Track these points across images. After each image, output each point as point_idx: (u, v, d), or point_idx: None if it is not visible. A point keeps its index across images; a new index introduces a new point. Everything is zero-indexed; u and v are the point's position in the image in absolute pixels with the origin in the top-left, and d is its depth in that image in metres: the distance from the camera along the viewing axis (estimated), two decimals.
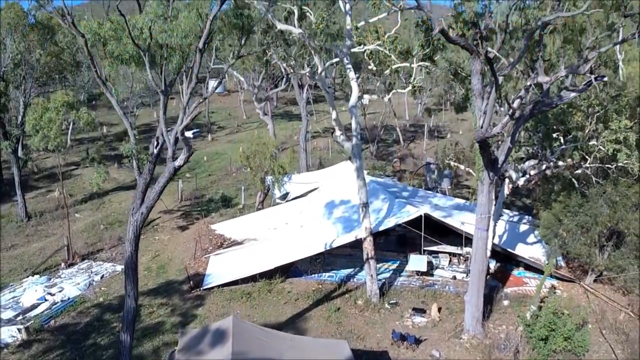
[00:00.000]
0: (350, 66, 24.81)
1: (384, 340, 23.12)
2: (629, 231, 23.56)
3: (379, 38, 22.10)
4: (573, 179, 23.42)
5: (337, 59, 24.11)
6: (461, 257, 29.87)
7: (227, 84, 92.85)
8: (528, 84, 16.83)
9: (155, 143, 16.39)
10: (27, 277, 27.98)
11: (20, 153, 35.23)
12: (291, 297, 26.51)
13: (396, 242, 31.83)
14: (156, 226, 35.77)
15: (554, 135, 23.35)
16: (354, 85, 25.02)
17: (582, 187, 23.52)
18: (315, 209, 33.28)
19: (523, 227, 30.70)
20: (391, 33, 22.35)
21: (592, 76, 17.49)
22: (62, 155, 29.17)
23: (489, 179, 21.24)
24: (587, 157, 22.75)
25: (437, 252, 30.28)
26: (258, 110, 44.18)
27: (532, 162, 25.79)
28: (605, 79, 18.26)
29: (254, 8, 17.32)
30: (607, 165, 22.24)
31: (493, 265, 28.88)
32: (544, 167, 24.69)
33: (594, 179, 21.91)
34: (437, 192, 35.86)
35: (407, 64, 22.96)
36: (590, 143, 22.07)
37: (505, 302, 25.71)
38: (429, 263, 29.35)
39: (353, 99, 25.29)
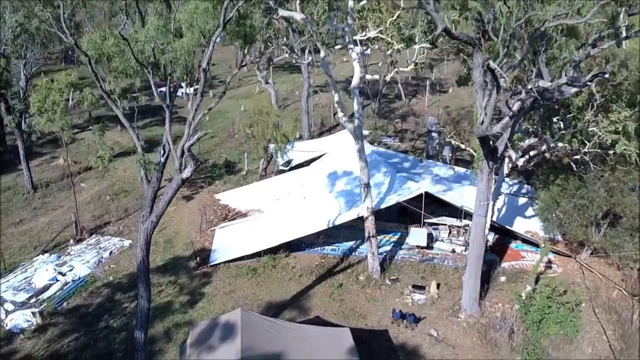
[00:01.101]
0: (352, 45, 24.65)
1: (384, 319, 24.11)
2: (625, 213, 24.05)
3: (381, 24, 21.89)
4: (572, 163, 23.72)
5: (339, 46, 23.89)
6: (460, 230, 30.57)
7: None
8: (529, 87, 16.88)
9: (162, 152, 16.73)
10: (37, 255, 28.76)
11: (24, 126, 35.33)
12: (295, 273, 27.36)
13: (397, 213, 32.41)
14: (161, 196, 36.27)
15: (554, 119, 23.47)
16: (355, 65, 24.94)
17: (580, 171, 23.85)
18: (317, 180, 33.71)
19: (522, 200, 31.19)
20: (393, 18, 22.12)
21: (593, 72, 17.54)
22: (66, 125, 29.20)
23: (489, 168, 21.59)
24: (586, 142, 22.97)
25: (437, 224, 30.98)
26: (260, 78, 43.95)
27: (532, 140, 26.03)
28: (607, 75, 18.27)
29: (256, 18, 17.15)
30: (605, 151, 22.49)
31: (492, 237, 29.59)
32: (543, 147, 24.96)
33: (592, 165, 22.22)
34: (438, 160, 36.09)
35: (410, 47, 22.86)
36: (590, 129, 22.25)
37: (503, 278, 26.55)
38: (429, 235, 30.06)
39: (355, 80, 25.28)
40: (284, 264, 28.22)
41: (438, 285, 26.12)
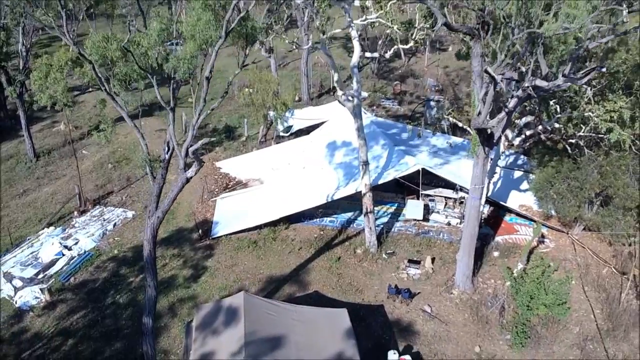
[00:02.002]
0: (352, 24, 24.55)
1: (380, 294, 25.05)
2: (617, 194, 24.57)
3: (382, 7, 21.81)
4: (566, 146, 24.08)
5: (338, 30, 23.80)
6: (456, 202, 31.22)
7: None
8: (526, 85, 17.05)
9: (166, 149, 17.15)
10: (43, 229, 29.45)
11: (25, 96, 35.37)
12: (295, 246, 28.16)
13: (395, 184, 32.92)
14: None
15: (551, 102, 23.67)
16: (355, 44, 24.93)
17: (575, 154, 24.24)
18: (317, 150, 34.10)
19: (517, 174, 31.67)
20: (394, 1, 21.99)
21: (590, 67, 17.68)
22: (68, 101, 29.31)
23: (484, 154, 21.99)
24: (582, 125, 23.27)
25: (434, 196, 31.59)
26: (263, 53, 43.84)
27: (529, 118, 26.30)
28: (604, 69, 18.40)
29: (257, 18, 17.15)
30: (600, 136, 22.81)
31: (486, 210, 30.29)
32: (539, 127, 25.25)
33: (586, 151, 22.58)
34: (437, 129, 36.36)
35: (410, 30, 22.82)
36: (586, 114, 22.49)
37: (496, 253, 27.38)
38: (426, 207, 30.72)
39: (355, 59, 25.33)
40: (283, 236, 28.98)
41: (433, 260, 26.97)
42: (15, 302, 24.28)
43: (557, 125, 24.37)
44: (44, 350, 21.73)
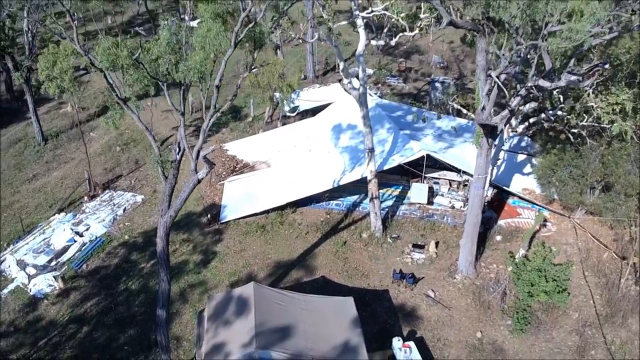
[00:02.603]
0: (357, 12, 24.61)
1: (385, 278, 25.71)
2: (618, 181, 24.91)
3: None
4: (569, 135, 24.31)
5: (344, 22, 23.86)
6: (460, 184, 31.65)
7: None
8: (529, 84, 17.22)
9: (177, 149, 17.58)
10: (54, 214, 30.06)
11: (32, 80, 35.58)
12: (302, 230, 28.74)
13: (399, 166, 33.29)
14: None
15: (554, 91, 23.80)
16: (361, 32, 25.01)
17: (577, 142, 24.49)
18: (323, 132, 34.36)
19: (520, 157, 31.92)
20: None
21: (593, 63, 17.85)
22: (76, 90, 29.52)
23: (487, 145, 22.30)
24: (584, 114, 23.44)
25: (438, 179, 32.00)
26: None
27: (533, 104, 26.46)
28: (607, 65, 18.53)
29: (265, 23, 17.28)
30: (602, 126, 23.00)
31: (490, 192, 30.68)
32: (542, 115, 25.44)
33: (589, 141, 22.81)
34: (442, 110, 36.41)
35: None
36: (589, 104, 22.63)
37: (498, 238, 27.91)
38: (430, 189, 31.16)
39: (360, 47, 25.46)
40: (291, 220, 29.54)
41: (437, 244, 27.55)
42: (30, 290, 25.03)
43: (560, 114, 24.55)
44: (59, 339, 22.55)
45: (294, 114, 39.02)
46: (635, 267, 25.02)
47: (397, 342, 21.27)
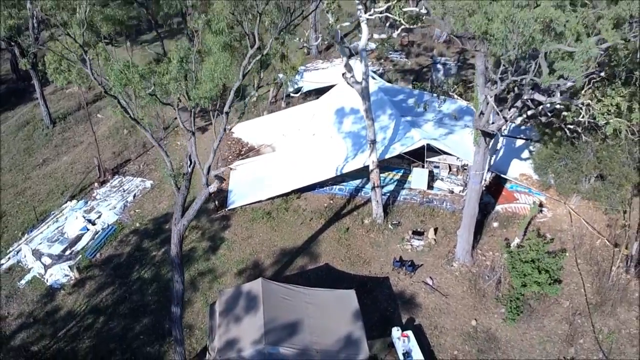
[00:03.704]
0: (361, 6, 25.00)
1: (386, 266, 26.90)
2: (612, 174, 25.66)
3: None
4: (565, 129, 24.91)
5: (347, 23, 24.27)
6: (459, 168, 32.48)
7: None
8: (525, 97, 17.81)
9: (188, 162, 18.46)
10: (66, 202, 31.09)
11: (39, 65, 36.01)
12: (306, 217, 29.78)
13: None
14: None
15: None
16: (364, 27, 25.44)
17: (573, 137, 25.11)
18: (326, 115, 34.99)
19: (518, 142, 32.56)
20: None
21: (588, 71, 18.33)
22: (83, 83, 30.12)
23: (485, 144, 23.04)
24: (580, 111, 23.96)
25: (438, 163, 32.83)
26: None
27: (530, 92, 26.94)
28: (602, 73, 19.02)
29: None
30: (597, 123, 23.55)
31: (488, 176, 31.51)
32: (539, 108, 25.98)
33: (583, 137, 23.42)
34: (442, 93, 36.85)
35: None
36: (585, 102, 23.12)
37: (495, 224, 28.93)
38: (430, 173, 32.04)
39: (363, 41, 25.93)
40: (295, 206, 30.56)
41: (435, 231, 28.62)
42: (47, 281, 26.31)
43: (557, 107, 25.06)
44: (77, 329, 23.94)
45: (297, 95, 39.53)
46: (627, 255, 26.03)
47: (396, 332, 22.60)
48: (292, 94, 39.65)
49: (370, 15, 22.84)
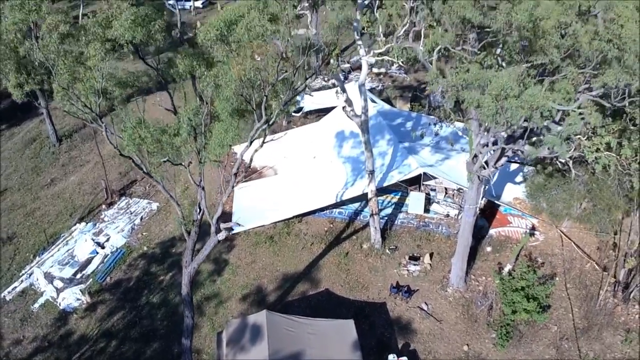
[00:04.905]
0: (361, 42, 26.14)
1: (383, 291, 28.17)
2: (601, 203, 26.91)
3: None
4: (557, 163, 26.10)
5: (347, 65, 25.35)
6: (455, 192, 33.69)
7: None
8: (516, 148, 18.98)
9: (198, 210, 19.68)
10: (75, 224, 32.23)
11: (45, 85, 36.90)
12: (307, 241, 30.99)
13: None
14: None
15: None
16: (363, 63, 26.58)
17: (564, 170, 26.28)
18: (327, 138, 36.07)
19: (512, 166, 33.73)
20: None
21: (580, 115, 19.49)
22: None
23: (479, 180, 24.26)
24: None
25: (435, 186, 34.02)
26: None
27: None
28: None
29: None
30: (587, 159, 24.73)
31: (482, 201, 32.72)
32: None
33: (573, 172, 24.54)
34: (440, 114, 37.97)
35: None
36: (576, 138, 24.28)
37: (489, 249, 30.19)
38: (427, 196, 33.23)
39: (362, 77, 27.11)
40: (297, 230, 31.75)
41: (431, 255, 29.88)
42: (59, 304, 27.49)
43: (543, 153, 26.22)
44: (91, 353, 25.20)
45: (298, 114, 40.61)
46: (615, 280, 27.20)
47: (392, 359, 23.92)
48: (293, 114, 40.71)
49: (370, 57, 23.93)
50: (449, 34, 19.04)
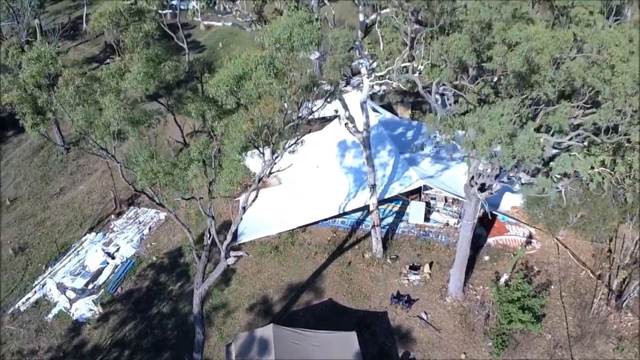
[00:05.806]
0: (362, 60, 26.97)
1: (385, 300, 29.22)
2: (595, 215, 27.88)
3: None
4: (552, 178, 27.05)
5: (349, 87, 26.18)
6: (455, 200, 34.64)
7: None
8: (511, 174, 19.92)
9: (208, 235, 20.67)
10: (85, 234, 33.23)
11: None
12: (311, 251, 32.01)
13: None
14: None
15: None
16: (365, 81, 27.41)
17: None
18: (329, 148, 36.89)
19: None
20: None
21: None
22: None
23: (477, 197, 25.20)
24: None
25: (434, 195, 34.98)
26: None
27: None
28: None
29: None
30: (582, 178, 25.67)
31: (480, 209, 33.70)
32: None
33: (565, 200, 25.48)
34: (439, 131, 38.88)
35: None
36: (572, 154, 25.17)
37: (486, 258, 31.22)
38: (427, 205, 34.19)
39: (364, 95, 27.95)
40: (301, 240, 32.75)
41: (431, 265, 30.92)
42: (73, 315, 28.55)
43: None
44: None
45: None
46: (609, 289, 28.24)
47: None
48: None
49: (370, 81, 24.80)
50: (447, 70, 19.93)
